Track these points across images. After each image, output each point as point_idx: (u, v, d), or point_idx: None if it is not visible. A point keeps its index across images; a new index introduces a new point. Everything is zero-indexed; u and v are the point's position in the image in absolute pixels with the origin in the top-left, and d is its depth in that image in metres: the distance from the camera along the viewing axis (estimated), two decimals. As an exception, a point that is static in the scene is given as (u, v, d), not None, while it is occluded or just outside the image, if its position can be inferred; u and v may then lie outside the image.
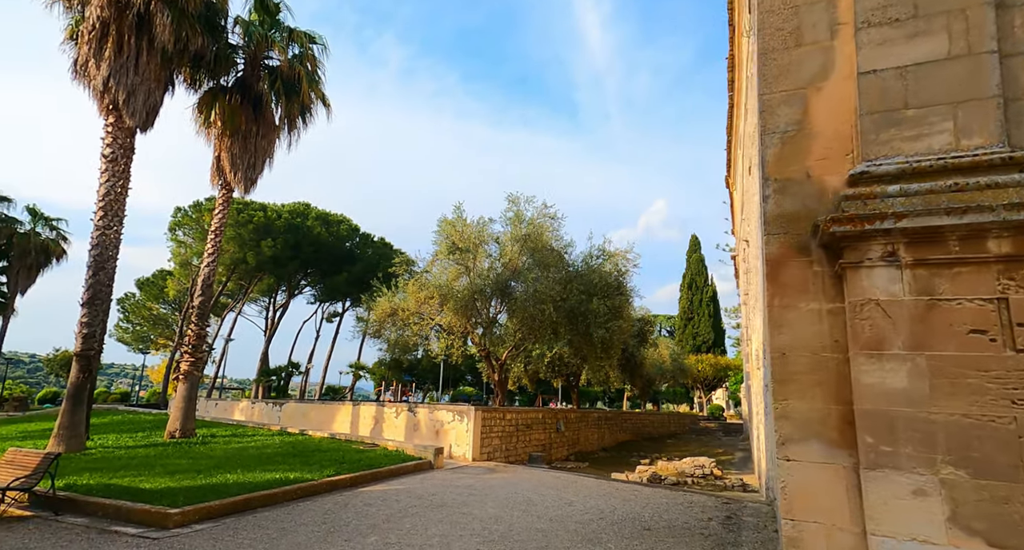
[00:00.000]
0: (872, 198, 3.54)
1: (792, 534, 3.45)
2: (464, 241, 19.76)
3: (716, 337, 52.42)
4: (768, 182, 4.03)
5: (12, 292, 31.71)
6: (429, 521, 7.07)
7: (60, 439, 11.54)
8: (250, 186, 15.48)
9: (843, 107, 3.89)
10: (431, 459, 11.73)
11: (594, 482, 10.85)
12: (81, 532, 6.30)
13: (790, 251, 3.88)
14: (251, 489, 7.93)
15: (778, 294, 3.84)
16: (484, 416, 14.10)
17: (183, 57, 13.61)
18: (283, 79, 15.44)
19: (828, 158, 3.89)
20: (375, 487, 9.39)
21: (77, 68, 12.53)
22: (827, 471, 3.48)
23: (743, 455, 22.00)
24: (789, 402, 3.68)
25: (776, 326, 3.81)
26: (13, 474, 7.32)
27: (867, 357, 3.39)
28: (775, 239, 3.93)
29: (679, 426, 35.96)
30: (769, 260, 3.92)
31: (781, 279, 3.85)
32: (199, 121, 15.33)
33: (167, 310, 41.56)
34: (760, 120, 4.15)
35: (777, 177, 4.00)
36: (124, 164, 12.94)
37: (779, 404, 3.70)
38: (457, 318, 19.21)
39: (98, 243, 12.50)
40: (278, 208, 35.68)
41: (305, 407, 19.94)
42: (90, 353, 12.30)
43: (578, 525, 7.05)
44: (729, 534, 6.75)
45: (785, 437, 3.63)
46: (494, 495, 8.97)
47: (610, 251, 20.47)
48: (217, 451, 11.97)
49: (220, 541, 5.99)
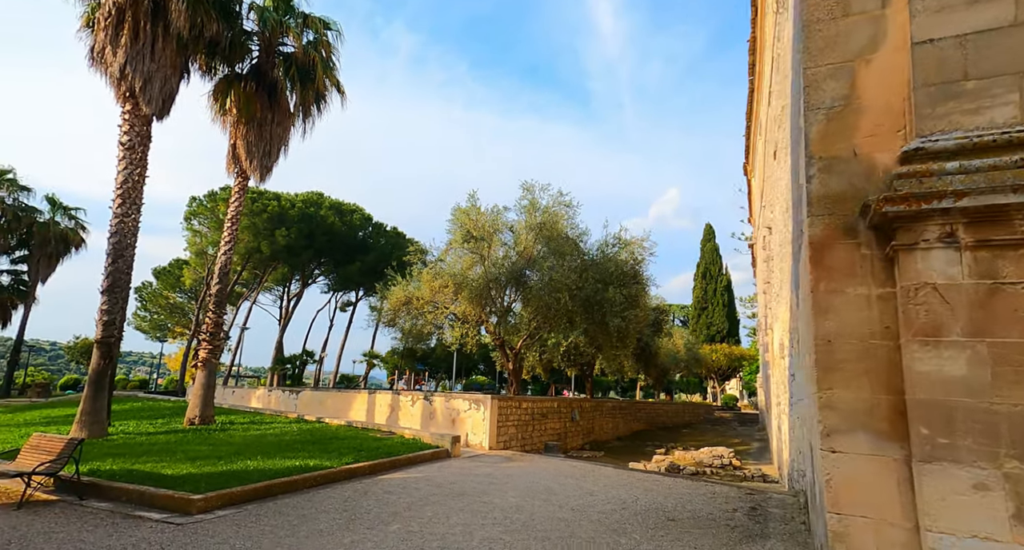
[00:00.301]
0: (928, 176, 3.34)
1: (838, 528, 3.31)
2: (478, 229, 19.62)
3: (730, 327, 52.02)
4: (812, 161, 3.83)
5: (33, 281, 32.23)
6: (450, 510, 7.01)
7: (83, 425, 11.67)
8: (265, 174, 15.45)
9: (894, 80, 3.67)
10: (448, 447, 11.70)
11: (613, 472, 10.75)
12: (106, 517, 6.32)
13: (836, 233, 3.68)
14: (271, 476, 7.94)
15: (823, 278, 3.65)
16: (500, 405, 14.05)
17: (198, 43, 13.53)
18: (298, 66, 15.32)
19: (877, 135, 3.68)
20: (394, 475, 9.38)
21: (94, 55, 12.50)
22: (876, 463, 3.32)
23: (760, 445, 21.81)
24: (835, 391, 3.51)
25: (821, 312, 3.63)
26: (38, 459, 7.38)
27: (922, 344, 3.20)
28: (820, 221, 3.74)
29: (693, 416, 35.77)
30: (813, 243, 3.73)
31: (826, 263, 3.66)
32: (214, 108, 15.28)
33: (183, 299, 42.04)
34: (804, 96, 3.94)
35: (822, 155, 3.80)
36: (141, 152, 12.94)
37: (824, 393, 3.53)
38: (472, 307, 19.14)
39: (117, 231, 12.55)
40: (291, 197, 35.77)
41: (321, 395, 20.06)
42: (110, 340, 12.41)
43: (601, 515, 6.96)
44: (756, 525, 6.61)
45: (830, 428, 3.47)
46: (513, 484, 8.90)
47: (626, 239, 20.23)
48: (236, 438, 12.05)
49: (243, 527, 5.98)
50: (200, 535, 5.68)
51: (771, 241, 12.90)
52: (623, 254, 19.94)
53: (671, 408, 33.59)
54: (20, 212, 30.24)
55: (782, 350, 10.15)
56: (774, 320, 12.39)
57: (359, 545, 5.47)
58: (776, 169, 10.12)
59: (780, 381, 11.18)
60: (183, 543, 5.40)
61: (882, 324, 3.48)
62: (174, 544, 5.35)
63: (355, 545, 5.47)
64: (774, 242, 11.74)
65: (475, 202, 20.04)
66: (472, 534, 5.93)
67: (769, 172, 12.47)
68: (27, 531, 5.70)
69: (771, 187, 11.82)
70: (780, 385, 11.23)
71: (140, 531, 5.77)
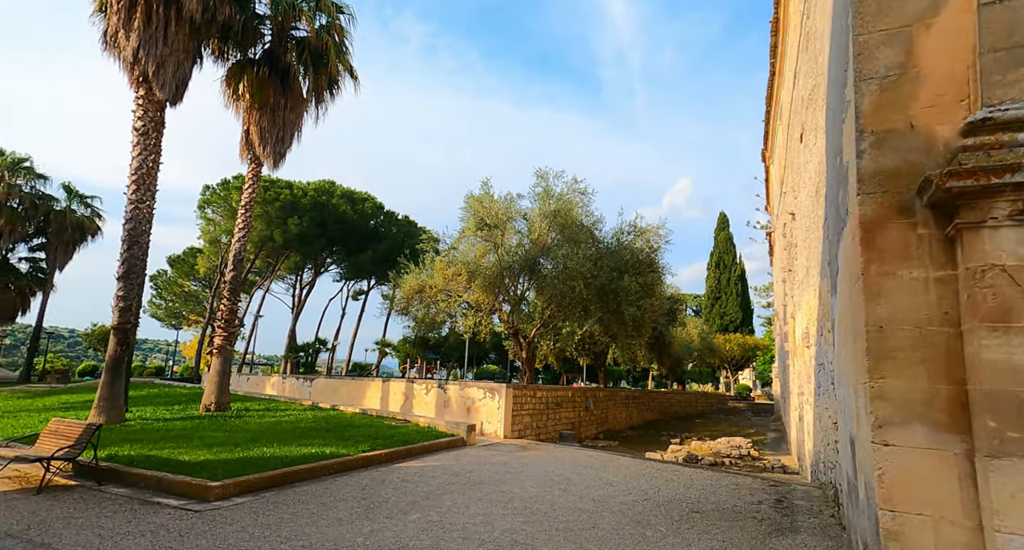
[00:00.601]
0: (997, 148, 3.08)
1: (892, 526, 3.11)
2: (492, 217, 19.39)
3: (744, 316, 51.48)
4: (863, 135, 3.57)
5: (51, 268, 32.59)
6: (469, 499, 6.90)
7: (100, 410, 11.73)
8: (279, 160, 15.32)
9: (957, 45, 3.39)
10: (464, 436, 11.61)
11: (631, 462, 10.60)
12: (124, 503, 6.28)
13: (889, 212, 3.44)
14: (288, 463, 7.88)
15: (875, 261, 3.41)
16: (515, 394, 13.93)
17: (211, 28, 13.36)
18: (310, 50, 15.10)
19: (937, 105, 3.41)
20: (410, 463, 9.30)
21: (107, 39, 12.39)
22: (933, 458, 3.10)
23: (776, 436, 21.54)
24: (887, 381, 3.28)
25: (872, 297, 3.39)
26: (57, 444, 7.36)
27: (989, 331, 2.97)
28: (871, 199, 3.49)
29: (707, 405, 35.53)
30: (864, 223, 3.48)
31: (878, 244, 3.42)
32: (227, 94, 15.13)
33: (198, 287, 42.37)
34: (854, 65, 3.66)
35: (875, 129, 3.53)
36: (155, 138, 12.86)
37: (876, 383, 3.31)
38: (485, 295, 18.98)
39: (132, 217, 12.52)
40: (304, 186, 35.74)
41: (335, 383, 20.09)
42: (127, 326, 12.42)
43: (622, 506, 6.80)
44: (783, 518, 6.42)
45: (883, 419, 3.25)
46: (530, 473, 8.78)
47: (641, 227, 19.90)
48: (252, 425, 12.05)
49: (261, 515, 5.90)
50: (218, 522, 5.61)
51: (794, 228, 12.55)
52: (638, 242, 19.64)
53: (684, 398, 33.36)
54: (37, 200, 30.50)
55: (806, 339, 9.87)
56: (796, 308, 12.09)
57: (379, 534, 5.36)
58: (802, 152, 9.78)
59: (803, 371, 10.91)
60: (201, 530, 5.32)
61: (940, 309, 3.24)
62: (192, 531, 5.27)
63: (375, 534, 5.37)
64: (798, 228, 11.40)
65: (488, 190, 19.80)
66: (493, 525, 5.81)
67: (792, 157, 12.10)
68: (46, 516, 5.66)
69: (795, 172, 11.46)
70: (803, 375, 10.96)
71: (158, 518, 5.71)
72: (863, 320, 3.42)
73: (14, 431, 10.49)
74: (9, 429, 10.90)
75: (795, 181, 11.59)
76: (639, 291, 18.05)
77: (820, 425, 8.05)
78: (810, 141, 8.60)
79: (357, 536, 5.29)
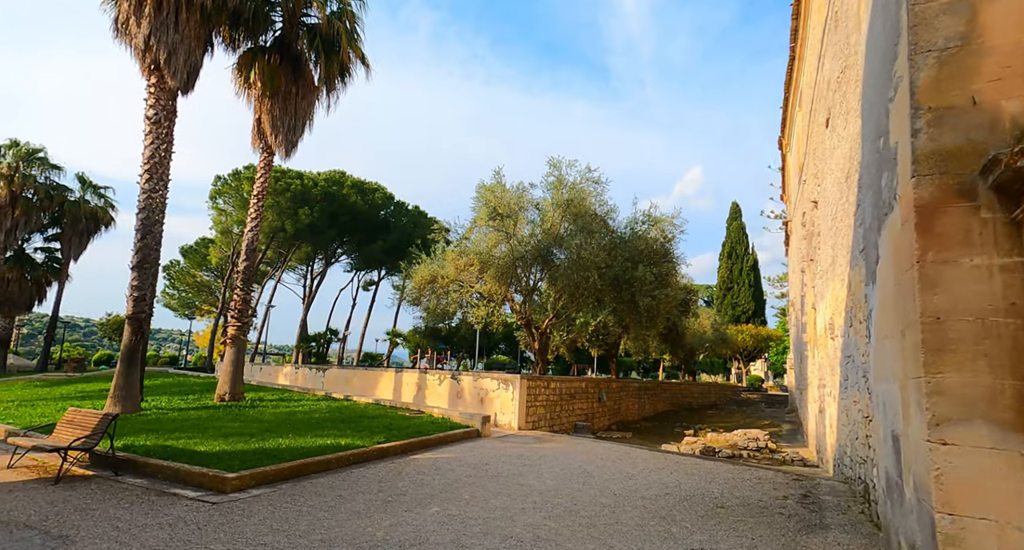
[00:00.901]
0: (1074, 125, 2.84)
1: (951, 531, 2.91)
2: (504, 207, 19.16)
3: (757, 307, 50.94)
4: (919, 112, 3.32)
5: (66, 258, 32.87)
6: (487, 492, 6.78)
7: (116, 400, 11.75)
8: (291, 149, 15.19)
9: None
10: (478, 427, 11.52)
11: (649, 454, 10.44)
12: (141, 493, 6.23)
13: (949, 195, 3.20)
14: (304, 454, 7.80)
15: (932, 247, 3.19)
16: (530, 385, 13.80)
17: (221, 14, 13.18)
18: (322, 37, 14.88)
19: (1003, 79, 3.16)
20: (425, 455, 9.21)
21: (118, 26, 12.25)
22: (1000, 459, 2.90)
23: (791, 428, 21.29)
24: (946, 375, 3.08)
25: (929, 286, 3.18)
26: (74, 434, 7.34)
27: (1063, 322, 2.75)
28: (928, 181, 3.26)
29: (719, 397, 35.26)
30: (920, 207, 3.26)
31: (936, 229, 3.19)
32: (238, 82, 14.98)
33: (210, 277, 42.63)
34: (909, 36, 3.41)
35: (932, 105, 3.29)
36: (167, 127, 12.76)
37: (932, 378, 3.10)
38: (497, 285, 18.82)
39: (145, 206, 12.46)
40: (314, 176, 35.67)
41: (348, 373, 20.09)
42: (141, 316, 12.41)
43: (644, 500, 6.65)
44: (812, 515, 6.24)
45: (941, 417, 3.05)
46: (548, 466, 8.66)
47: (656, 216, 19.59)
48: (266, 415, 12.03)
49: (279, 508, 5.82)
50: (236, 515, 5.53)
51: (815, 216, 12.22)
52: (653, 231, 19.34)
53: (696, 389, 33.12)
54: (52, 191, 30.68)
55: (830, 330, 9.61)
56: (818, 299, 11.79)
57: (398, 528, 5.25)
58: (829, 138, 9.46)
59: (825, 363, 10.66)
60: (219, 523, 5.24)
61: (1006, 299, 3.02)
62: (210, 524, 5.19)
63: (394, 528, 5.26)
64: (821, 217, 11.08)
65: (500, 179, 19.56)
66: (514, 519, 5.68)
67: (815, 143, 11.74)
68: (63, 507, 5.61)
69: (819, 158, 11.12)
70: (825, 367, 10.71)
71: (175, 510, 5.64)
72: (918, 311, 3.21)
73: (32, 420, 10.53)
74: (27, 418, 10.95)
75: (818, 168, 11.25)
76: (654, 281, 17.80)
77: (847, 419, 7.83)
78: (838, 125, 8.29)
79: (377, 530, 5.19)
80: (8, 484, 6.47)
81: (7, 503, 5.68)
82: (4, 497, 5.91)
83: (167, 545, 4.60)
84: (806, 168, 14.20)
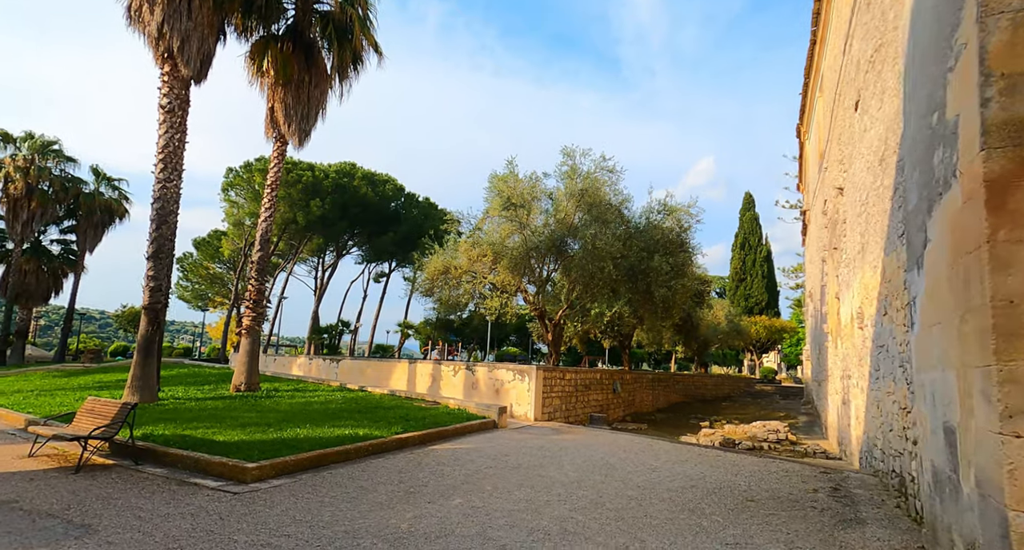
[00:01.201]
0: None
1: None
2: (517, 197, 18.93)
3: (770, 298, 50.42)
4: (990, 79, 3.09)
5: (81, 250, 33.15)
6: (510, 484, 6.66)
7: (134, 390, 11.78)
8: (304, 138, 15.07)
9: (1111, -27, 2.88)
10: (495, 418, 11.41)
11: (670, 446, 10.29)
12: (162, 483, 6.18)
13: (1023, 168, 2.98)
14: (322, 445, 7.73)
15: (1005, 225, 2.97)
16: (545, 376, 13.67)
17: (234, 2, 13.08)
18: (335, 24, 14.71)
19: (1084, 44, 2.92)
20: (444, 445, 9.11)
21: (131, 14, 12.15)
22: (1079, 452, 2.70)
23: (807, 420, 21.03)
24: (1019, 363, 2.87)
25: (1001, 267, 2.96)
26: (93, 423, 7.31)
27: None
28: (1000, 154, 3.03)
29: (733, 388, 35.00)
30: (990, 182, 3.04)
31: (1010, 206, 2.98)
32: (251, 70, 14.85)
33: (223, 269, 42.90)
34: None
35: (1005, 72, 3.06)
36: (181, 116, 12.68)
37: (1005, 366, 2.90)
38: (510, 276, 18.66)
39: (160, 196, 12.42)
40: (325, 168, 35.62)
41: (361, 364, 20.09)
42: (157, 306, 12.41)
43: (671, 493, 6.50)
44: (845, 508, 6.05)
45: (1014, 408, 2.85)
46: (569, 458, 8.52)
47: (672, 206, 19.28)
48: (283, 405, 12.01)
49: (300, 499, 5.73)
50: (257, 505, 5.45)
51: (840, 203, 11.90)
52: (668, 221, 19.04)
53: (709, 380, 32.87)
54: (67, 183, 30.87)
55: (858, 320, 9.35)
56: (843, 288, 11.51)
57: (423, 520, 5.14)
58: (859, 120, 9.13)
59: (851, 353, 10.40)
60: (242, 513, 5.16)
61: (1085, 281, 2.81)
62: (233, 514, 5.11)
63: (419, 520, 5.15)
64: (847, 203, 10.77)
65: (513, 169, 19.30)
66: (539, 511, 5.55)
67: (841, 127, 11.41)
68: (85, 496, 5.56)
69: (846, 143, 10.78)
70: (850, 358, 10.45)
71: (197, 499, 5.57)
72: (987, 294, 3.00)
73: (51, 409, 10.58)
74: (46, 407, 11.00)
75: (844, 153, 10.92)
76: (670, 271, 17.56)
77: (877, 410, 7.60)
78: (871, 106, 7.98)
79: (401, 522, 5.08)
80: (29, 473, 6.45)
81: (28, 492, 5.65)
82: (26, 486, 5.88)
83: (190, 535, 4.53)
84: (828, 154, 13.85)
